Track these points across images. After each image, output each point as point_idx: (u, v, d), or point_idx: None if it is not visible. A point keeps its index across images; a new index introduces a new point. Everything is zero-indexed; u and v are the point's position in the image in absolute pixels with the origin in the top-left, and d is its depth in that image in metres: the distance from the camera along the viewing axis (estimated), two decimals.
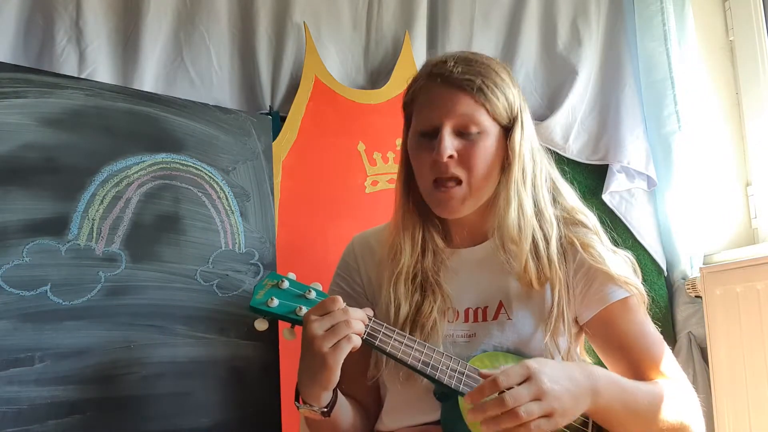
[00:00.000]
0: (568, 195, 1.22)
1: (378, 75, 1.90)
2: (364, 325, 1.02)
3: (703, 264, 1.98)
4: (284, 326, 1.06)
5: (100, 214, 1.39)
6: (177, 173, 1.49)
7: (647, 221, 2.05)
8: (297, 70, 1.78)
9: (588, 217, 1.20)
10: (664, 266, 2.04)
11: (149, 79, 1.65)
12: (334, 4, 1.86)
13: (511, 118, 1.14)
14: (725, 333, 1.80)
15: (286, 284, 1.07)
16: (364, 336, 1.02)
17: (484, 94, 1.10)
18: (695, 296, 1.95)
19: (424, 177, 1.14)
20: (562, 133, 2.00)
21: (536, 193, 1.16)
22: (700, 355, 1.91)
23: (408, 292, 1.14)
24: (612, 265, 1.13)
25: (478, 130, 1.11)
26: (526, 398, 0.91)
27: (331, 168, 1.74)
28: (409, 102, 1.18)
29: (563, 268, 1.14)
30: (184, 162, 1.51)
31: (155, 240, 1.44)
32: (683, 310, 1.99)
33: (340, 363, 0.99)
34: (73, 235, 1.36)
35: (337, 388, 1.05)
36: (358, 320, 1.01)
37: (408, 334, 1.06)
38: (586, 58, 2.04)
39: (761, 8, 2.09)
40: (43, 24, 1.58)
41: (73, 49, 1.58)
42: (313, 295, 1.06)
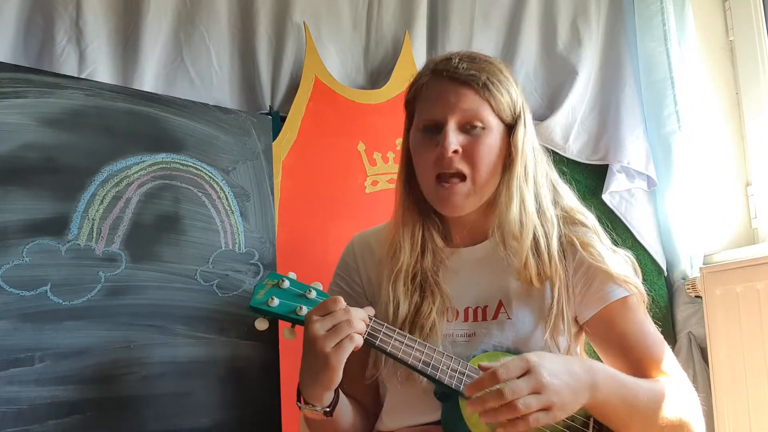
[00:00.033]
0: (567, 195, 1.22)
1: (378, 75, 1.90)
2: (365, 324, 1.02)
3: (703, 264, 1.97)
4: (284, 326, 1.06)
5: (100, 214, 1.39)
6: (177, 173, 1.49)
7: (647, 221, 2.05)
8: (297, 70, 1.78)
9: (587, 217, 1.20)
10: (664, 266, 2.04)
11: (149, 79, 1.65)
12: (334, 4, 1.85)
13: (514, 115, 1.15)
14: (725, 333, 1.79)
15: (287, 284, 1.07)
16: (365, 336, 1.02)
17: (488, 90, 1.11)
18: (695, 296, 1.94)
19: (426, 173, 1.13)
20: (562, 133, 2.00)
21: (538, 191, 1.16)
22: (700, 355, 1.91)
23: (407, 291, 1.14)
24: (612, 264, 1.13)
25: (483, 126, 1.11)
26: (525, 391, 0.91)
27: (331, 168, 1.74)
28: (412, 99, 1.18)
29: (563, 267, 1.14)
30: (184, 162, 1.51)
31: (155, 240, 1.44)
32: (683, 310, 1.99)
33: (343, 363, 0.99)
34: (73, 235, 1.36)
35: (339, 388, 1.05)
36: (360, 320, 1.01)
37: (408, 334, 1.06)
38: (586, 58, 2.04)
39: (761, 8, 2.09)
40: (43, 24, 1.58)
41: (73, 49, 1.58)
42: (313, 295, 1.06)
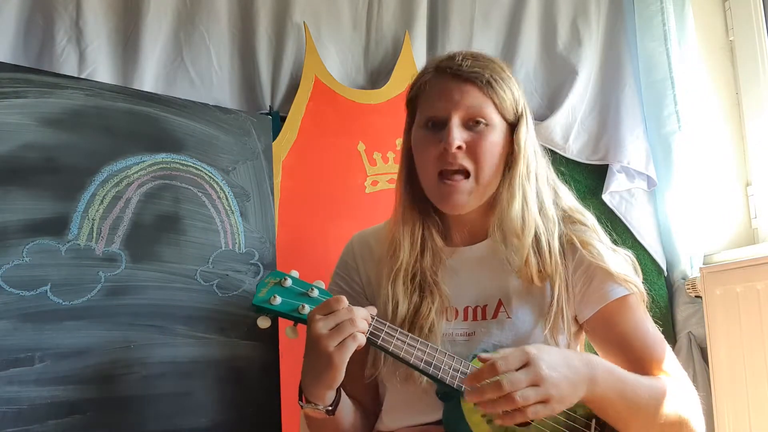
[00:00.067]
0: (566, 195, 1.23)
1: (378, 75, 1.89)
2: (368, 324, 1.02)
3: (703, 264, 1.97)
4: (285, 325, 1.06)
5: (100, 214, 1.39)
6: (177, 173, 1.49)
7: (647, 221, 2.05)
8: (297, 70, 1.78)
9: (586, 217, 1.21)
10: (664, 266, 2.04)
11: (149, 79, 1.65)
12: (334, 4, 1.85)
13: (516, 114, 1.15)
14: (725, 333, 1.79)
15: (289, 282, 1.07)
16: (367, 335, 1.02)
17: (492, 87, 1.12)
18: (695, 296, 1.94)
19: (428, 170, 1.13)
20: (562, 133, 2.00)
21: (539, 190, 1.17)
22: (700, 355, 1.91)
23: (407, 290, 1.14)
24: (611, 263, 1.13)
25: (486, 123, 1.12)
26: (524, 383, 0.91)
27: (331, 168, 1.74)
28: (414, 97, 1.18)
29: (563, 266, 1.14)
30: (184, 162, 1.51)
31: (155, 240, 1.44)
32: (683, 310, 1.99)
33: (346, 362, 0.99)
34: (73, 235, 1.36)
35: (341, 387, 1.05)
36: (363, 319, 1.01)
37: (410, 334, 1.06)
38: (586, 58, 2.04)
39: (761, 8, 2.09)
40: (43, 24, 1.58)
41: (73, 49, 1.58)
42: (315, 294, 1.06)
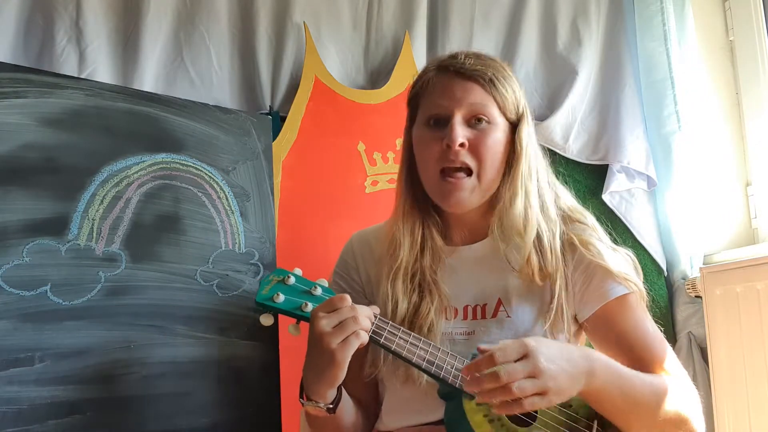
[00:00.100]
0: (565, 195, 1.23)
1: (378, 75, 1.89)
2: (371, 322, 1.02)
3: (703, 264, 1.98)
4: (286, 324, 1.07)
5: (100, 214, 1.39)
6: (177, 173, 1.49)
7: (647, 221, 2.05)
8: (297, 70, 1.78)
9: (586, 216, 1.21)
10: (664, 266, 2.04)
11: (149, 79, 1.65)
12: (334, 4, 1.85)
13: (518, 114, 1.16)
14: (725, 333, 1.79)
15: (292, 280, 1.07)
16: (370, 333, 1.02)
17: (494, 86, 1.12)
18: (695, 296, 1.94)
19: (429, 168, 1.13)
20: (562, 133, 2.00)
21: (540, 189, 1.17)
22: (700, 355, 1.91)
23: (406, 290, 1.14)
24: (611, 262, 1.13)
25: (488, 121, 1.12)
26: (521, 375, 0.91)
27: (331, 168, 1.74)
28: (416, 95, 1.18)
29: (563, 265, 1.14)
30: (184, 162, 1.50)
31: (155, 240, 1.44)
32: (683, 310, 1.99)
33: (348, 359, 0.99)
34: (73, 235, 1.36)
35: (342, 386, 1.05)
36: (366, 317, 1.01)
37: (413, 333, 1.06)
38: (586, 58, 2.04)
39: (761, 8, 2.09)
40: (43, 24, 1.58)
41: (73, 49, 1.58)
42: (319, 292, 1.06)
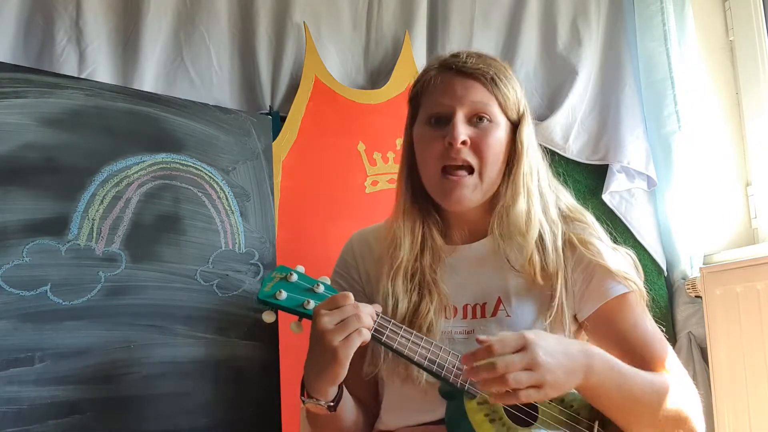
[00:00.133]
0: (565, 195, 1.23)
1: (378, 75, 1.90)
2: (373, 320, 1.02)
3: (703, 264, 1.98)
4: (285, 324, 1.06)
5: (100, 214, 1.39)
6: (177, 173, 1.49)
7: (647, 221, 2.05)
8: (297, 70, 1.78)
9: (585, 216, 1.21)
10: (664, 266, 2.04)
11: (149, 79, 1.65)
12: (334, 4, 1.86)
13: (519, 113, 1.16)
14: (725, 333, 1.79)
15: (295, 277, 1.07)
16: (372, 331, 1.02)
17: (496, 85, 1.13)
18: (695, 296, 1.94)
19: (431, 166, 1.13)
20: (562, 133, 2.00)
21: (541, 189, 1.17)
22: (700, 355, 1.91)
23: (406, 289, 1.14)
24: (611, 261, 1.13)
25: (490, 119, 1.12)
26: (518, 367, 0.92)
27: (331, 168, 1.74)
28: (417, 94, 1.18)
29: (563, 265, 1.14)
30: (184, 162, 1.51)
31: (155, 240, 1.44)
32: (683, 310, 1.99)
33: (350, 357, 0.99)
34: (73, 235, 1.36)
35: (343, 384, 1.05)
36: (368, 315, 1.01)
37: (415, 331, 1.06)
38: (586, 58, 2.04)
39: (761, 8, 2.09)
40: (43, 24, 1.58)
41: (73, 49, 1.58)
42: (321, 289, 1.06)
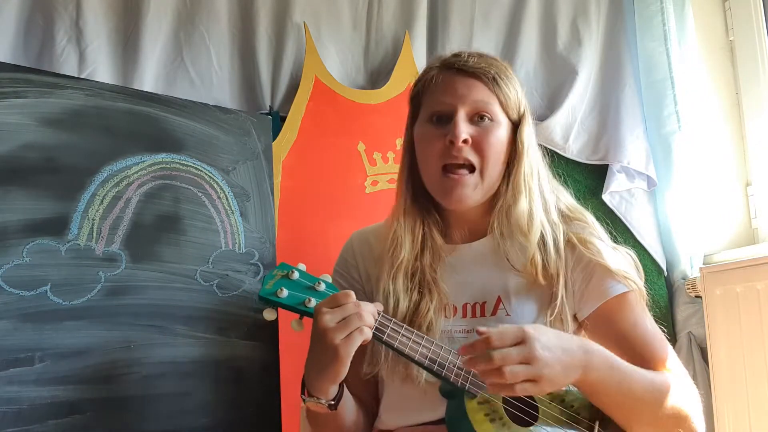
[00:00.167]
0: (564, 195, 1.23)
1: (378, 75, 1.90)
2: (374, 319, 1.02)
3: (703, 264, 1.98)
4: (286, 324, 1.06)
5: (100, 214, 1.39)
6: (177, 173, 1.49)
7: (647, 221, 2.05)
8: (297, 70, 1.78)
9: (585, 215, 1.21)
10: (664, 266, 2.04)
11: (149, 79, 1.65)
12: (334, 4, 1.86)
13: (519, 113, 1.16)
14: (725, 333, 1.79)
15: (296, 275, 1.07)
16: (373, 330, 1.02)
17: (497, 84, 1.13)
18: (695, 296, 1.94)
19: (431, 165, 1.13)
20: (562, 133, 2.00)
21: (542, 189, 1.17)
22: (700, 355, 1.91)
23: (407, 288, 1.14)
24: (610, 260, 1.13)
25: (491, 118, 1.13)
26: (515, 360, 0.92)
27: (331, 168, 1.74)
28: (419, 93, 1.18)
29: (563, 265, 1.14)
30: (184, 162, 1.51)
31: (155, 240, 1.44)
32: (683, 310, 1.99)
33: (351, 355, 0.99)
34: (73, 235, 1.36)
35: (343, 383, 1.05)
36: (369, 314, 1.01)
37: (416, 330, 1.06)
38: (586, 58, 2.05)
39: (761, 8, 2.09)
40: (43, 24, 1.58)
41: (73, 49, 1.58)
42: (322, 287, 1.06)
